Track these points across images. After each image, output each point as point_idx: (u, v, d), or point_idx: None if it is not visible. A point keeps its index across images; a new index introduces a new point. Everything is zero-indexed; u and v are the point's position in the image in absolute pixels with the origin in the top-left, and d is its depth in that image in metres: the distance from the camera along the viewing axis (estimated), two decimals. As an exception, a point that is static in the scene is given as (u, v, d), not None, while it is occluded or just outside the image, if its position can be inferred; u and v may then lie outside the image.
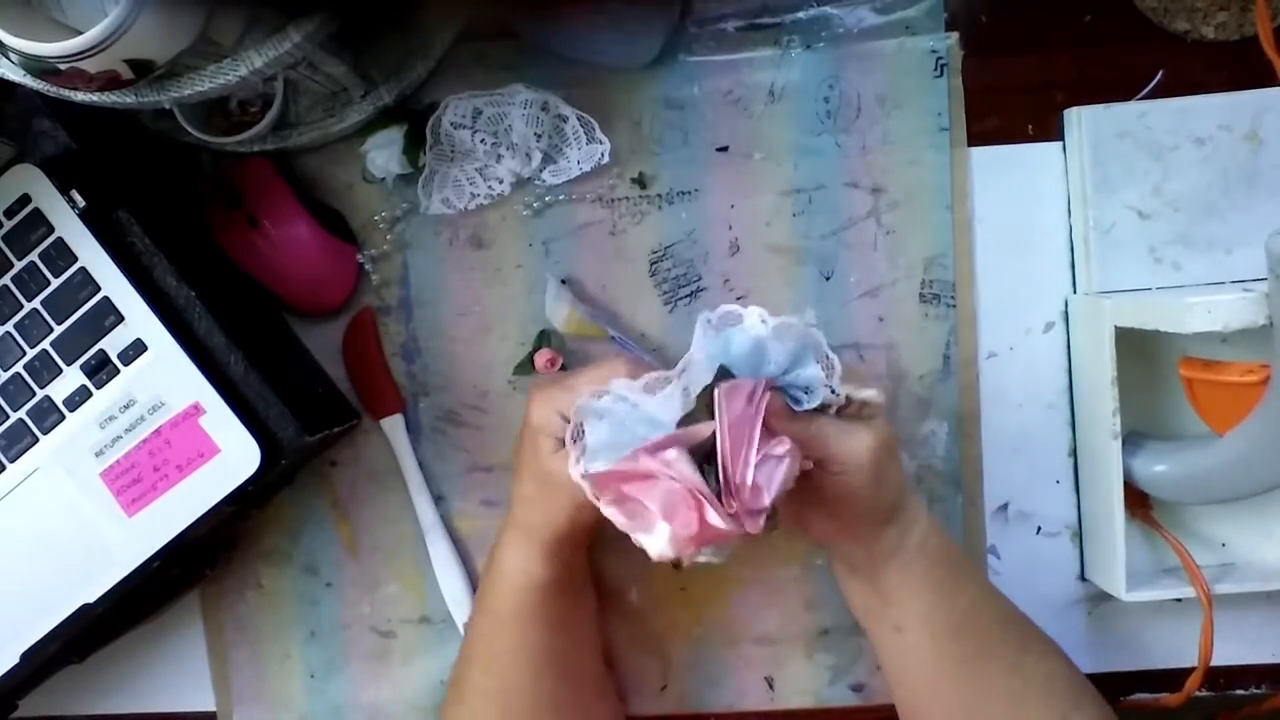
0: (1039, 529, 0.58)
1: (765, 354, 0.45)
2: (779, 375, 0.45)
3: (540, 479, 0.48)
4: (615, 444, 0.44)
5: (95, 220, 0.50)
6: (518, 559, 0.51)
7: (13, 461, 0.51)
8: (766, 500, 0.41)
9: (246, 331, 0.53)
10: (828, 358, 0.46)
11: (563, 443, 0.47)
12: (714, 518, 0.40)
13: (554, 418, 0.47)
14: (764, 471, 0.42)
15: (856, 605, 0.53)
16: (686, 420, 0.44)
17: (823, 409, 0.47)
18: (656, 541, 0.41)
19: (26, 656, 0.51)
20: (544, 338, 0.58)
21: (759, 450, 0.41)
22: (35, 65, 0.43)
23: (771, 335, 0.45)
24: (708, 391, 0.44)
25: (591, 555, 0.57)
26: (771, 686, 0.59)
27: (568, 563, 0.51)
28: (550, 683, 0.52)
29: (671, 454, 0.41)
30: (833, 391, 0.46)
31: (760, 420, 0.42)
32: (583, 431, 0.44)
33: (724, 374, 0.45)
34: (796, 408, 0.46)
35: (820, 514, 0.49)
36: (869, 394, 0.47)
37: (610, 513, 0.42)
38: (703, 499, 0.40)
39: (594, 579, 0.57)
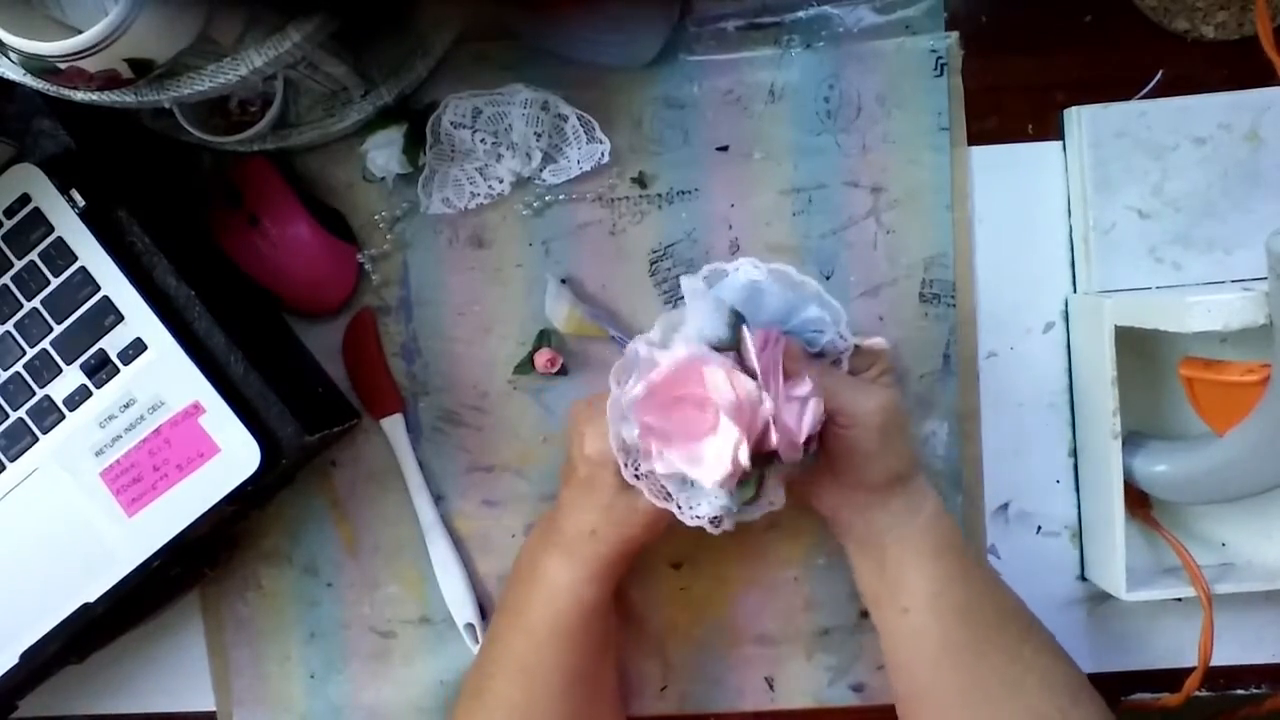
0: (1039, 529, 0.58)
1: (761, 300, 0.45)
2: (781, 322, 0.46)
3: (603, 513, 0.48)
4: None
5: (95, 220, 0.50)
6: (564, 579, 0.50)
7: (13, 461, 0.51)
8: (800, 439, 0.41)
9: (246, 331, 0.53)
10: (832, 305, 0.47)
11: (617, 475, 0.47)
12: (767, 405, 0.40)
13: (594, 454, 0.47)
14: (790, 413, 0.42)
15: (865, 589, 0.53)
16: None
17: (836, 363, 0.47)
18: (715, 461, 0.40)
19: (26, 656, 0.51)
20: (544, 337, 0.58)
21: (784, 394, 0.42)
22: (35, 64, 0.43)
23: (767, 279, 0.45)
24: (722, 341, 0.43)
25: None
26: (771, 687, 0.59)
27: (612, 585, 0.51)
28: (574, 701, 0.52)
29: (707, 353, 0.41)
30: (841, 336, 0.47)
31: (780, 360, 0.42)
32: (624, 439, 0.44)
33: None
34: (811, 349, 0.47)
35: (826, 479, 0.49)
36: (876, 341, 0.49)
37: (667, 459, 0.41)
38: (748, 390, 0.40)
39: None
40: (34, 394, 0.51)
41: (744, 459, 0.40)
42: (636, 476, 0.45)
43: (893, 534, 0.49)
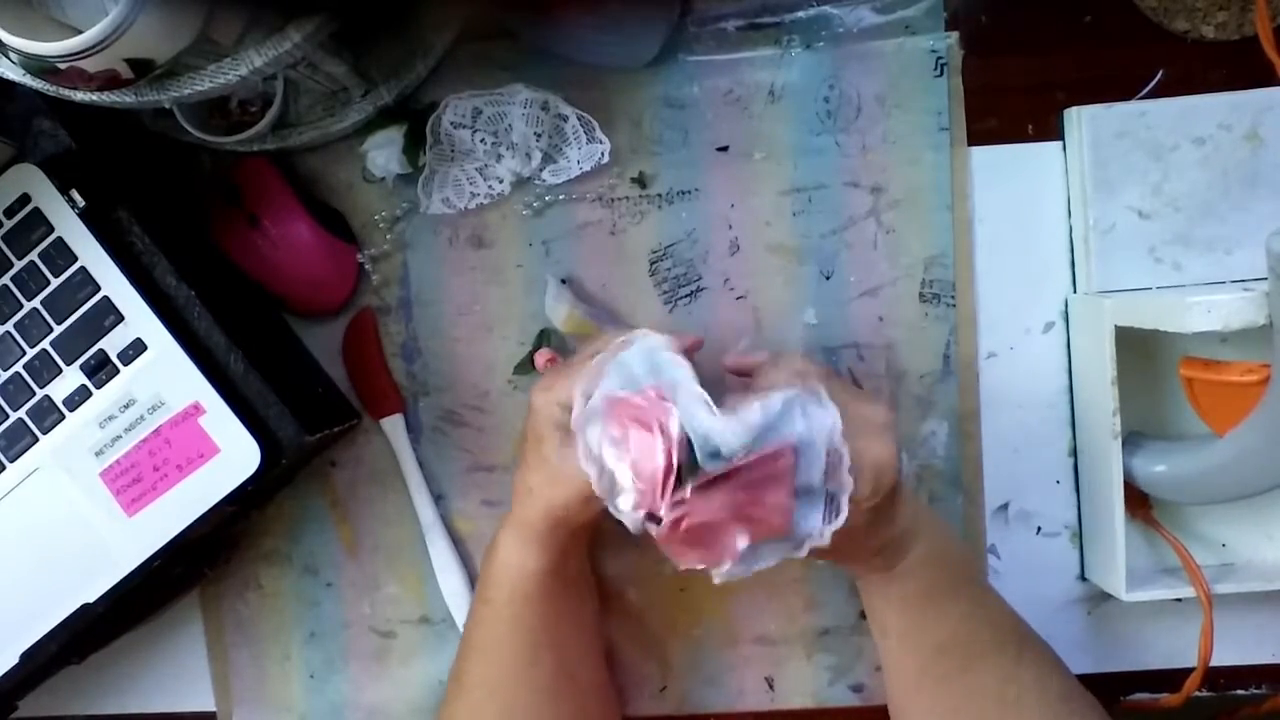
0: (1039, 529, 0.58)
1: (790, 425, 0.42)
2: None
3: (542, 471, 0.48)
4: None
5: (95, 220, 0.50)
6: (512, 547, 0.50)
7: (13, 461, 0.51)
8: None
9: (246, 331, 0.53)
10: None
11: (563, 433, 0.46)
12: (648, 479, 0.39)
13: (554, 407, 0.46)
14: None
15: (861, 597, 0.54)
16: None
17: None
18: (626, 497, 0.40)
19: (26, 656, 0.51)
20: (544, 337, 0.58)
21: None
22: (35, 64, 0.43)
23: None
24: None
25: (592, 557, 0.57)
26: (771, 687, 0.59)
27: (562, 554, 0.51)
28: (547, 673, 0.51)
29: (672, 407, 0.40)
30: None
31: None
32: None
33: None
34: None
35: None
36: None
37: (608, 454, 0.41)
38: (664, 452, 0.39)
39: (594, 581, 0.57)
40: (34, 394, 0.51)
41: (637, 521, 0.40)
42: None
43: (868, 576, 0.50)
